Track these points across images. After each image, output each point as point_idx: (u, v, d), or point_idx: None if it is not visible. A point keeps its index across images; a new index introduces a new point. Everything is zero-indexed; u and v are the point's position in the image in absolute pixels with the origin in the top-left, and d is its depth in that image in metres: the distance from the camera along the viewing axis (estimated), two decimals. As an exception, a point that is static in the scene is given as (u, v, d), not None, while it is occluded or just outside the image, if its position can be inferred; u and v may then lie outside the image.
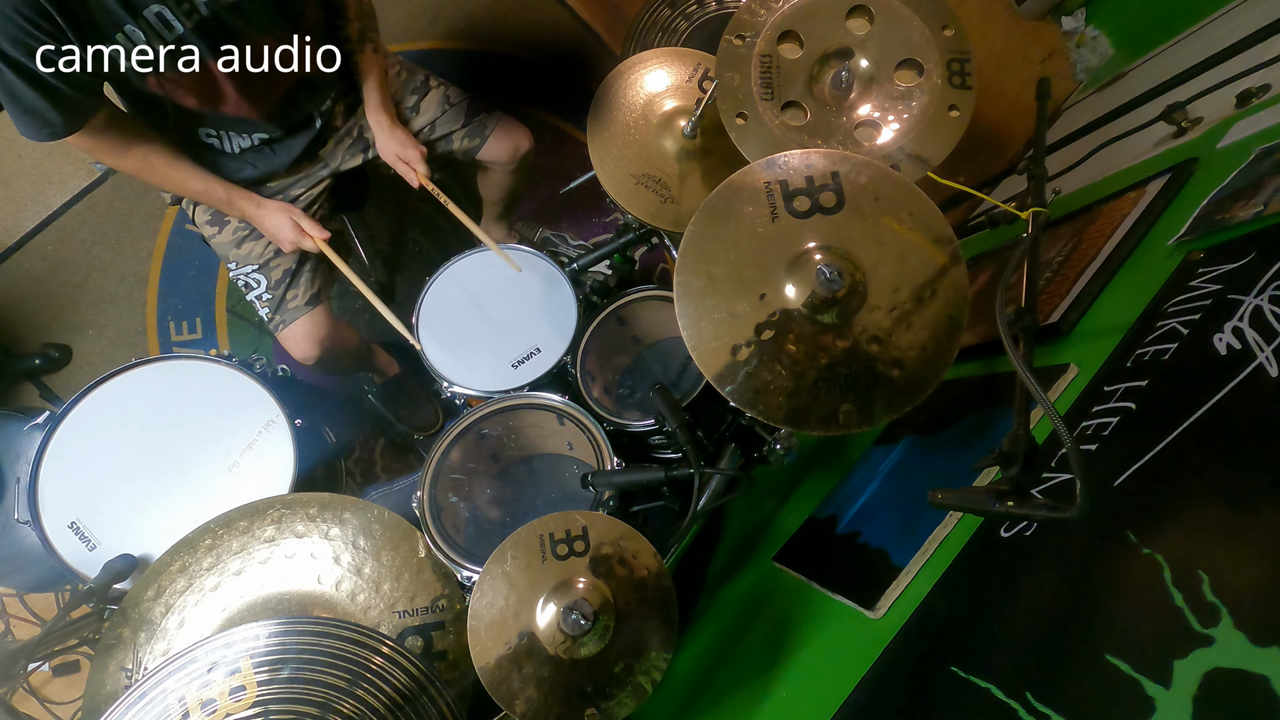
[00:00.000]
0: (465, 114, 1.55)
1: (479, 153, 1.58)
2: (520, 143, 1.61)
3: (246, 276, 1.45)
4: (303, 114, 1.37)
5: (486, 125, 1.57)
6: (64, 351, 2.04)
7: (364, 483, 2.01)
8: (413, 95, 1.52)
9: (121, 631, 1.04)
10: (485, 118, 1.57)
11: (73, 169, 2.13)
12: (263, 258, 1.44)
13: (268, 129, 1.33)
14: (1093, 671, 0.69)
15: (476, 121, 1.56)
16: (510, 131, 1.59)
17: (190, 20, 1.07)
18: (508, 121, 1.60)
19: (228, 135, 1.32)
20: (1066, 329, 1.13)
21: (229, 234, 1.44)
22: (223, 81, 1.20)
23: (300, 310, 1.47)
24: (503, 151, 1.60)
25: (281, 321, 1.47)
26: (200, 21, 1.09)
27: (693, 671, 1.33)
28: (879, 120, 1.08)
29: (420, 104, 1.53)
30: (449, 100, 1.54)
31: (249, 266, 1.45)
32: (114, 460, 1.24)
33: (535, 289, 1.41)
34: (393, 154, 1.41)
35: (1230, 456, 0.73)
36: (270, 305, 1.46)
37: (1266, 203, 0.94)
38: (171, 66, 1.11)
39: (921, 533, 1.01)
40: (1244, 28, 1.41)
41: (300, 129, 1.38)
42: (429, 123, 1.53)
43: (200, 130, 1.29)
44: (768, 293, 0.92)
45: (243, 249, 1.44)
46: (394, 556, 1.11)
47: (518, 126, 1.61)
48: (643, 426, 1.26)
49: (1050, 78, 1.22)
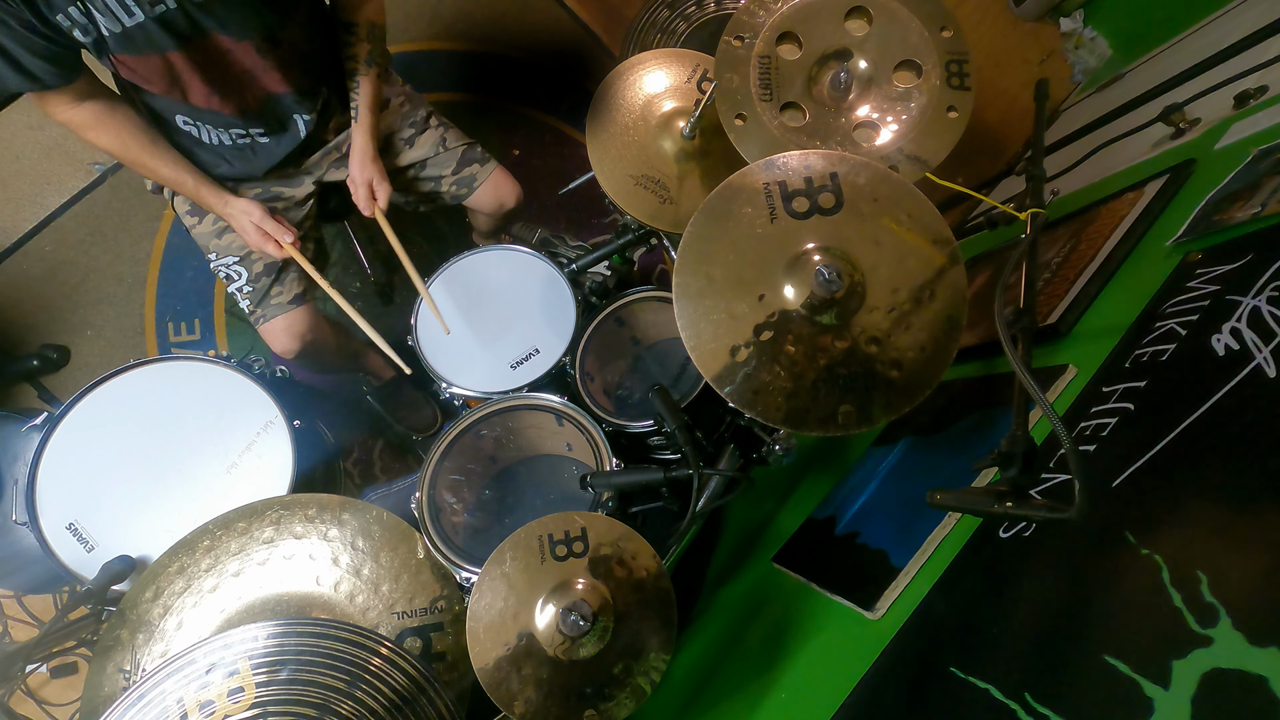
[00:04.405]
0: (458, 162, 1.55)
1: (465, 200, 1.59)
2: (506, 200, 1.60)
3: (227, 268, 1.44)
4: (283, 120, 1.35)
5: (477, 178, 1.56)
6: (62, 352, 2.04)
7: (363, 484, 2.01)
8: (410, 129, 1.51)
9: (120, 633, 1.04)
10: (478, 170, 1.56)
11: (71, 170, 2.13)
12: (243, 249, 1.43)
13: (244, 127, 1.31)
14: (1091, 672, 0.69)
15: (467, 173, 1.56)
16: (499, 187, 1.58)
17: (153, 10, 1.06)
18: (499, 176, 1.58)
19: (203, 126, 1.30)
20: (1065, 330, 1.13)
21: (209, 224, 1.43)
22: (187, 74, 1.18)
23: (283, 308, 1.46)
24: (487, 204, 1.60)
25: (263, 315, 1.46)
26: (166, 14, 1.07)
27: (692, 672, 1.33)
28: (877, 121, 1.09)
29: (416, 139, 1.52)
30: (445, 144, 1.53)
31: (229, 258, 1.43)
32: (112, 461, 1.24)
33: (534, 290, 1.41)
34: (362, 178, 1.37)
35: (1229, 457, 0.73)
36: (251, 298, 1.45)
37: (1264, 204, 0.94)
38: (125, 49, 1.10)
39: (920, 533, 1.01)
40: (1242, 29, 1.42)
41: (282, 135, 1.37)
42: (420, 160, 1.53)
43: (177, 116, 1.28)
44: (766, 294, 0.92)
45: (223, 239, 1.43)
46: (393, 558, 1.10)
47: (507, 182, 1.59)
48: (642, 427, 1.26)
49: (1048, 79, 1.22)
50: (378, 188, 1.37)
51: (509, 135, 2.28)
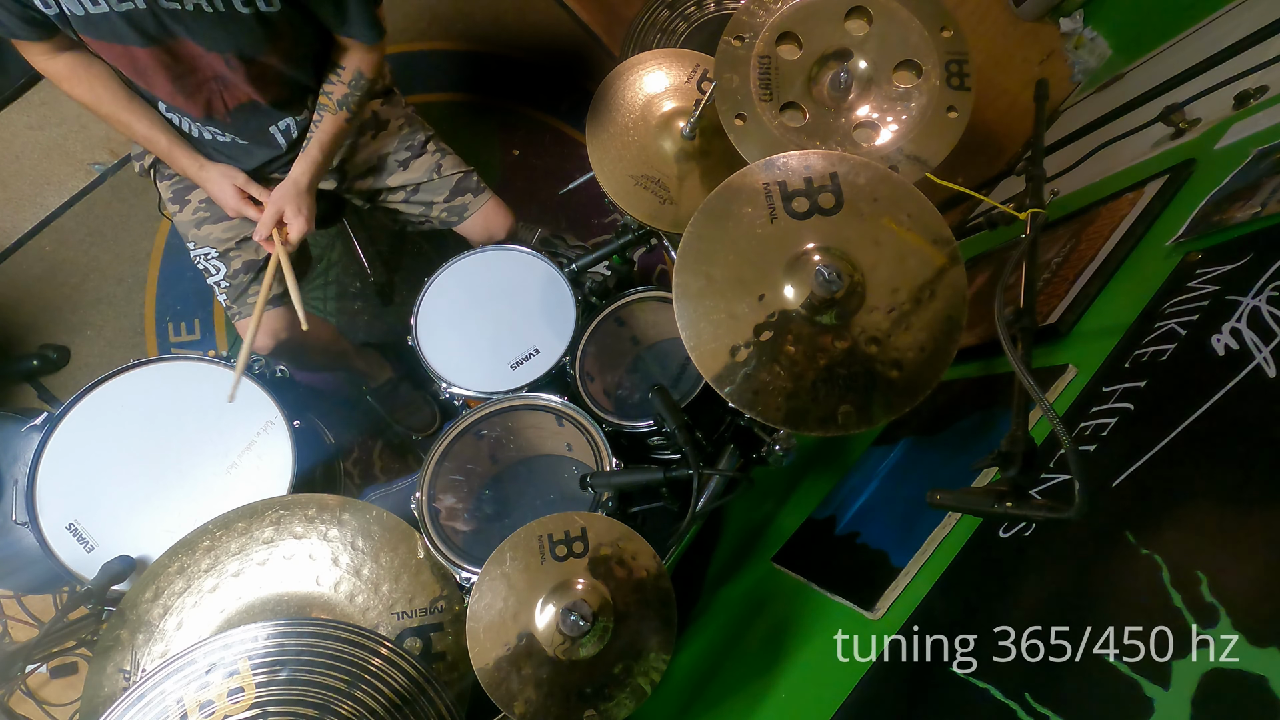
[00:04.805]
0: (451, 190, 1.53)
1: (454, 227, 1.58)
2: (496, 232, 1.58)
3: (206, 261, 1.43)
4: (259, 128, 1.33)
5: (468, 208, 1.55)
6: (62, 353, 2.04)
7: (362, 484, 2.00)
8: (406, 151, 1.51)
9: (119, 633, 1.04)
10: (470, 200, 1.55)
11: (70, 170, 2.13)
12: (223, 244, 1.42)
13: (218, 130, 1.30)
14: (1091, 672, 0.69)
15: (459, 202, 1.55)
16: (489, 218, 1.57)
17: (120, 6, 1.04)
18: (491, 207, 1.56)
19: (180, 115, 1.29)
20: (1065, 330, 1.13)
21: (189, 213, 1.42)
22: (151, 70, 1.16)
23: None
24: (476, 234, 1.59)
25: (239, 313, 1.45)
26: (133, 12, 1.05)
27: (692, 672, 1.32)
28: (877, 121, 1.09)
29: (411, 162, 1.51)
30: (439, 170, 1.53)
31: (207, 249, 1.42)
32: (112, 461, 1.24)
33: (534, 290, 1.41)
34: (285, 204, 1.30)
35: (1229, 457, 0.73)
36: (229, 294, 1.44)
37: (1264, 204, 0.94)
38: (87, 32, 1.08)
39: (920, 533, 1.01)
40: (1242, 29, 1.41)
41: (259, 143, 1.35)
42: (412, 184, 1.52)
43: (159, 102, 1.27)
44: (766, 294, 0.92)
45: (202, 230, 1.41)
46: (392, 558, 1.10)
47: (499, 214, 1.57)
48: (641, 427, 1.26)
49: (1048, 79, 1.22)
50: (290, 220, 1.31)
51: (509, 135, 2.28)
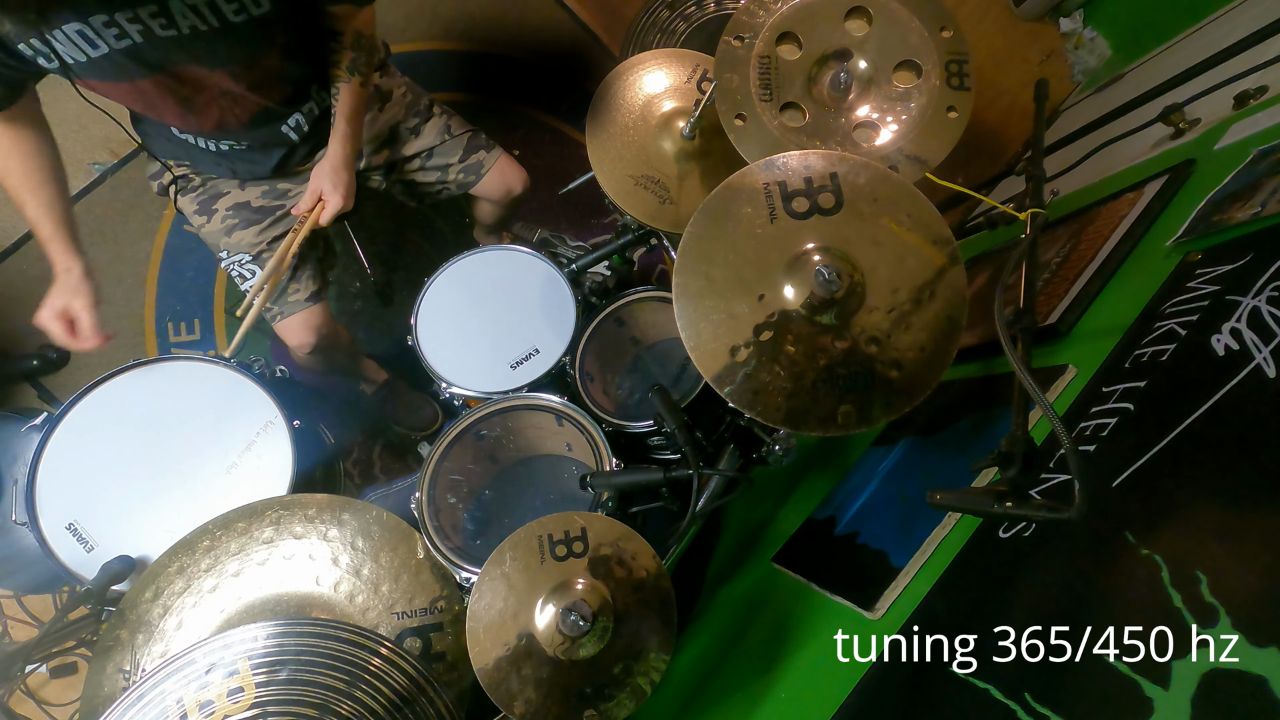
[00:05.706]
0: (464, 149, 1.55)
1: (472, 188, 1.60)
2: (513, 185, 1.61)
3: (240, 267, 1.44)
4: (271, 130, 1.33)
5: (484, 164, 1.57)
6: (62, 353, 2.03)
7: (362, 484, 2.01)
8: (415, 118, 1.52)
9: (119, 633, 1.04)
10: (484, 156, 1.57)
11: (70, 170, 2.07)
12: (256, 246, 1.43)
13: (233, 141, 1.31)
14: (1091, 672, 0.69)
15: (474, 160, 1.56)
16: (505, 173, 1.60)
17: (119, 43, 1.03)
18: (505, 162, 1.60)
19: (195, 135, 1.30)
20: (1065, 330, 1.13)
21: (218, 222, 1.42)
22: (158, 100, 1.16)
23: (300, 305, 1.47)
24: (495, 191, 1.61)
25: (280, 313, 1.47)
26: (132, 47, 1.05)
27: (692, 672, 1.32)
28: (877, 121, 1.09)
29: (421, 127, 1.53)
30: (450, 130, 1.54)
31: (241, 255, 1.43)
32: (112, 461, 1.23)
33: (534, 290, 1.41)
34: (322, 182, 1.34)
35: (1228, 457, 0.73)
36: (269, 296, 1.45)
37: (1264, 204, 0.94)
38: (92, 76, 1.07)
39: (920, 533, 1.01)
40: (1242, 29, 1.41)
41: (272, 144, 1.36)
42: (426, 149, 1.53)
43: (170, 126, 1.27)
44: (766, 294, 0.92)
45: (233, 237, 1.42)
46: (392, 558, 1.10)
47: (513, 167, 1.61)
48: (641, 427, 1.26)
49: (1048, 79, 1.22)
50: (327, 197, 1.34)
51: (509, 135, 2.27)
